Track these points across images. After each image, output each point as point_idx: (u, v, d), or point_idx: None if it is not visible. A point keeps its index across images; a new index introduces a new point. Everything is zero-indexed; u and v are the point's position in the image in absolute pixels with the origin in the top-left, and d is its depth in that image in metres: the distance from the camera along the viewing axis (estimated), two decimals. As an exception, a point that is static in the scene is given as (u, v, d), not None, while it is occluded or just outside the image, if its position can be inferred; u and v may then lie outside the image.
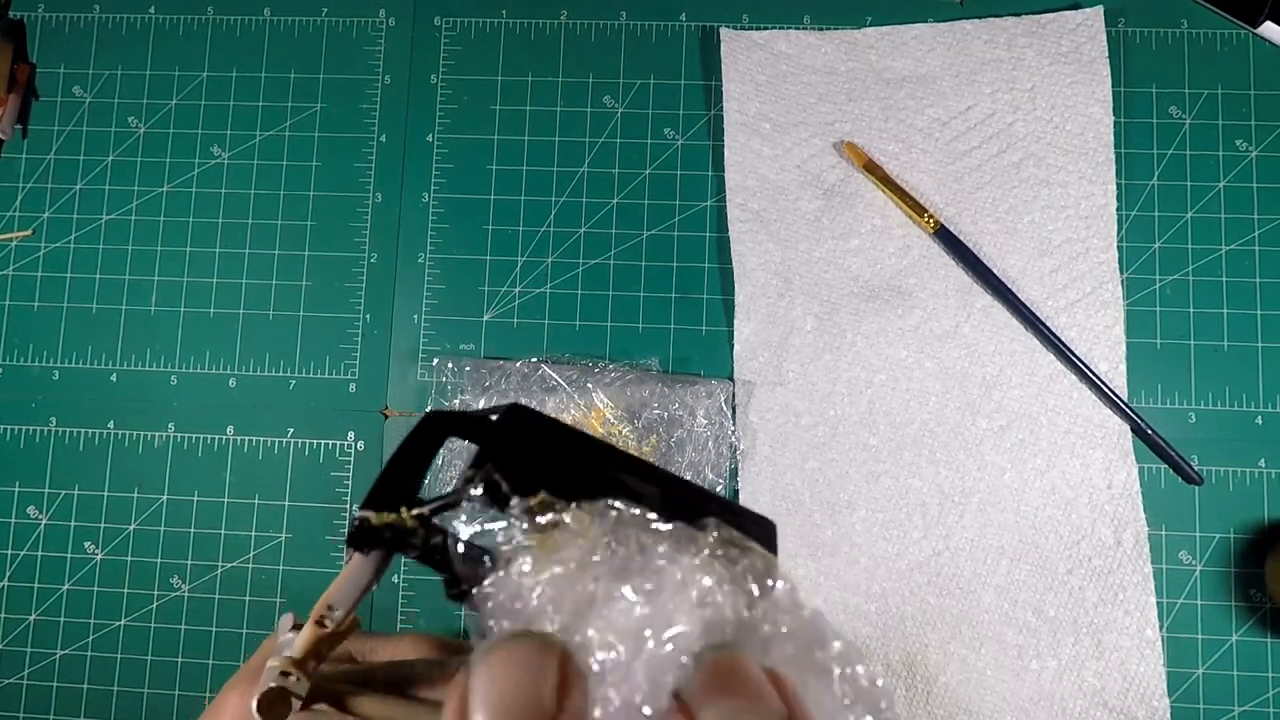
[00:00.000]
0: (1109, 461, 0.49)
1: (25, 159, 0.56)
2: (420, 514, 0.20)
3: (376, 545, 0.20)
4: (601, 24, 0.56)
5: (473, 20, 0.56)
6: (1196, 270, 0.51)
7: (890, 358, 0.51)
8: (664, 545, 0.18)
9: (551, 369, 0.51)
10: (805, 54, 0.54)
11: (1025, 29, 0.53)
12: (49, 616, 0.52)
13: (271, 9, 0.57)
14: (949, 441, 0.50)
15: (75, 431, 0.53)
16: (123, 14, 0.57)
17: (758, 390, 0.51)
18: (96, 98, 0.56)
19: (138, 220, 0.55)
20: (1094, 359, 0.50)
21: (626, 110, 0.55)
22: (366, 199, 0.55)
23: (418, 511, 0.20)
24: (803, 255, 0.52)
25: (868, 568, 0.49)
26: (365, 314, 0.54)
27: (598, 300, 0.53)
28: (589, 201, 0.54)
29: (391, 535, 0.20)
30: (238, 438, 0.53)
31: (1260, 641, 0.48)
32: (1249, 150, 0.52)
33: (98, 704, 0.51)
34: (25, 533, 0.53)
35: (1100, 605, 0.48)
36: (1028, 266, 0.51)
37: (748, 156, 0.53)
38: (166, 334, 0.54)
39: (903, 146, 0.53)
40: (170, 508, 0.52)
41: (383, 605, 0.51)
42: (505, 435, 0.20)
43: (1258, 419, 0.50)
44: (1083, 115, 0.52)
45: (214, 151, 0.56)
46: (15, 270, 0.55)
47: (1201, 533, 0.49)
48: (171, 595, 0.52)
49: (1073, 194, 0.52)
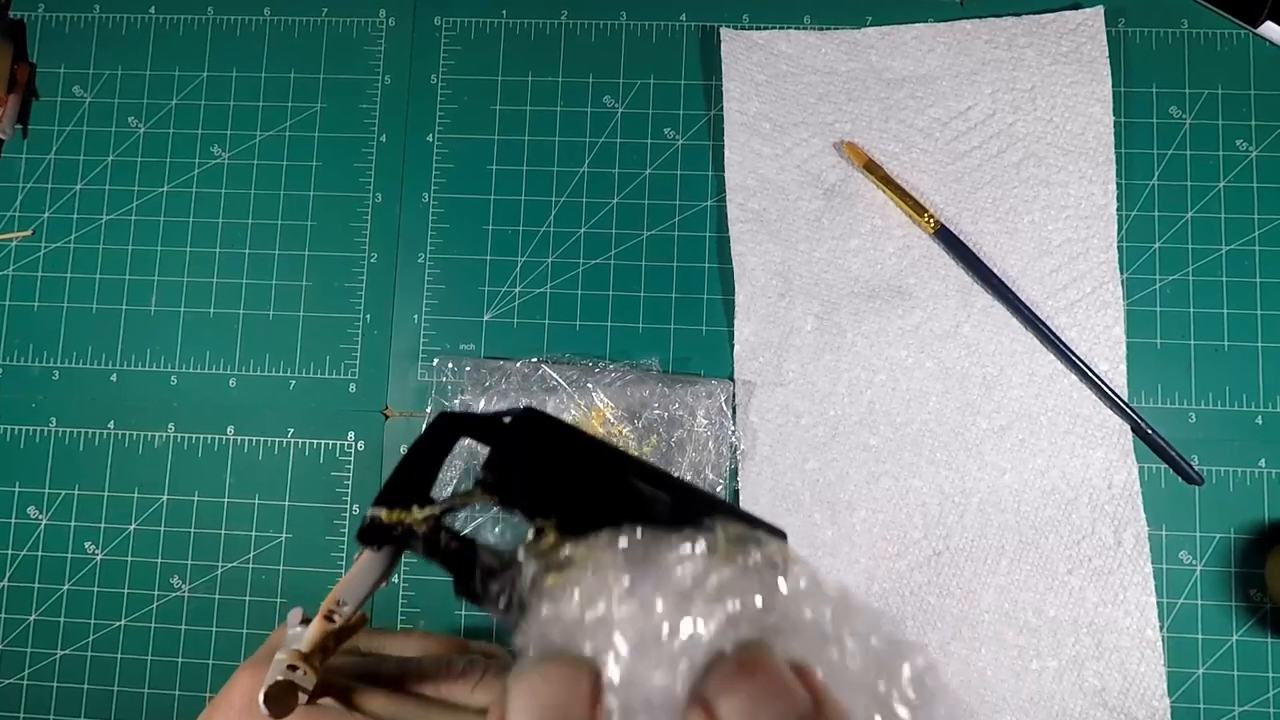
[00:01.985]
0: (1109, 461, 0.49)
1: (25, 159, 0.56)
2: (431, 514, 0.20)
3: (386, 542, 0.20)
4: (601, 24, 0.56)
5: (473, 20, 0.56)
6: (1196, 270, 0.51)
7: (890, 358, 0.51)
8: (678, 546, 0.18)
9: (551, 369, 0.51)
10: (805, 54, 0.54)
11: (1025, 29, 0.53)
12: (49, 616, 0.52)
13: (271, 9, 0.57)
14: (949, 441, 0.50)
15: (75, 431, 0.53)
16: (123, 14, 0.57)
17: (758, 390, 0.51)
18: (96, 98, 0.56)
19: (138, 220, 0.55)
20: (1094, 359, 0.50)
21: (626, 110, 0.55)
22: (366, 199, 0.55)
23: (428, 512, 0.20)
24: (803, 255, 0.52)
25: (868, 568, 0.49)
26: (365, 314, 0.54)
27: (598, 300, 0.53)
28: (589, 201, 0.54)
29: (401, 533, 0.20)
30: (238, 438, 0.53)
31: (1260, 641, 0.48)
32: (1249, 150, 0.52)
33: (98, 704, 0.51)
34: (25, 533, 0.53)
35: (1100, 605, 0.48)
36: (1028, 266, 0.51)
37: (748, 156, 0.53)
38: (166, 334, 0.54)
39: (903, 146, 0.53)
40: (170, 508, 0.52)
41: (383, 605, 0.51)
42: (518, 439, 0.20)
43: (1258, 419, 0.50)
44: (1083, 115, 0.52)
45: (214, 151, 0.56)
46: (15, 270, 0.55)
47: (1201, 533, 0.49)
48: (171, 595, 0.52)
49: (1073, 194, 0.52)
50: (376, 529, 0.20)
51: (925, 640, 0.48)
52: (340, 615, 0.22)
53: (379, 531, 0.20)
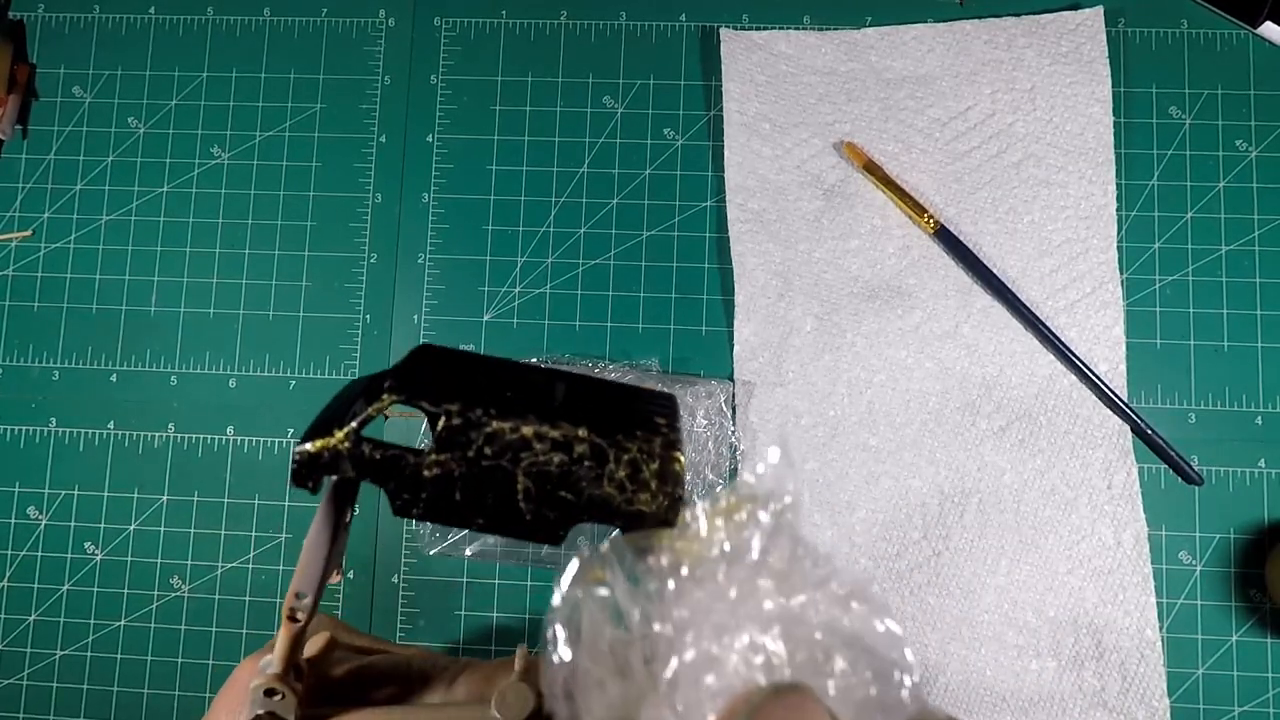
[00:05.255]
0: (1109, 461, 0.49)
1: (25, 159, 0.56)
2: (349, 429, 0.20)
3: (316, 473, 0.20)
4: (601, 24, 0.56)
5: (473, 20, 0.56)
6: (1196, 270, 0.51)
7: (890, 358, 0.51)
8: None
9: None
10: (805, 54, 0.54)
11: (1025, 29, 0.53)
12: (49, 616, 0.52)
13: (271, 9, 0.57)
14: (949, 442, 0.50)
15: (75, 432, 0.53)
16: (123, 14, 0.57)
17: (758, 390, 0.51)
18: (96, 98, 0.56)
19: (138, 220, 0.55)
20: (1094, 359, 0.50)
21: (626, 110, 0.55)
22: (366, 199, 0.55)
23: (348, 429, 0.20)
24: (803, 255, 0.52)
25: (868, 568, 0.49)
26: (365, 314, 0.54)
27: (598, 300, 0.53)
28: (589, 202, 0.54)
29: (329, 458, 0.20)
30: (238, 438, 0.53)
31: (1260, 641, 0.48)
32: (1249, 150, 0.52)
33: (98, 704, 0.51)
34: (25, 533, 0.53)
35: (1100, 605, 0.48)
36: (1028, 266, 0.51)
37: (748, 157, 0.53)
38: (166, 334, 0.54)
39: (903, 146, 0.53)
40: (170, 508, 0.52)
41: (383, 605, 0.51)
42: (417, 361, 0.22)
43: (1258, 419, 0.50)
44: (1083, 115, 0.52)
45: (214, 152, 0.56)
46: (15, 270, 0.55)
47: (1201, 533, 0.49)
48: (171, 595, 0.52)
49: (1073, 194, 0.52)
50: (306, 462, 0.20)
51: (925, 640, 0.48)
52: (303, 611, 0.22)
53: (309, 464, 0.20)
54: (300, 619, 0.22)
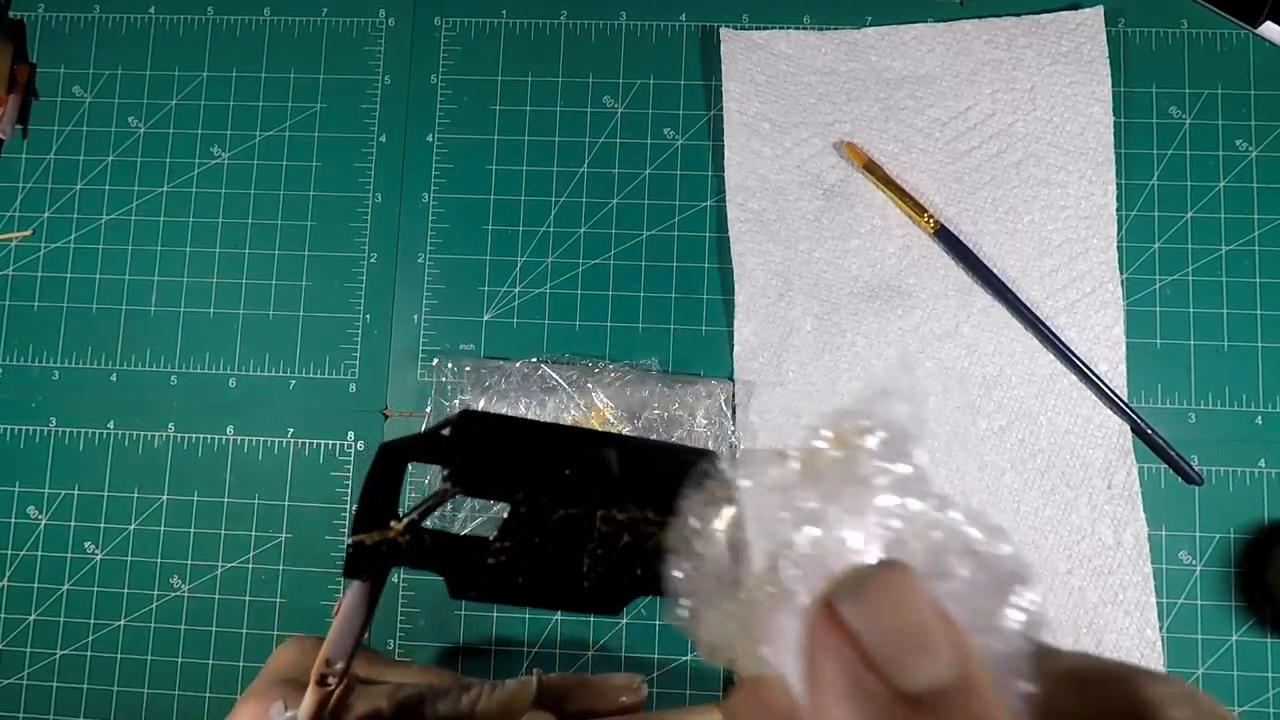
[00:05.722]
0: (1109, 461, 0.49)
1: (25, 159, 0.56)
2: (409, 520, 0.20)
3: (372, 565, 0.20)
4: (601, 24, 0.56)
5: (473, 20, 0.56)
6: (1196, 270, 0.51)
7: (890, 358, 0.51)
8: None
9: (551, 369, 0.51)
10: (805, 54, 0.54)
11: (1025, 29, 0.53)
12: (49, 616, 0.52)
13: (271, 9, 0.57)
14: (949, 442, 0.50)
15: (75, 431, 0.53)
16: (123, 14, 0.57)
17: (758, 390, 0.51)
18: (96, 98, 0.56)
19: (138, 220, 0.55)
20: (1094, 359, 0.50)
21: (626, 110, 0.55)
22: (366, 199, 0.55)
23: (406, 520, 0.20)
24: (803, 255, 0.52)
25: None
26: (365, 314, 0.54)
27: (598, 300, 0.53)
28: (589, 201, 0.54)
29: (386, 549, 0.20)
30: (238, 438, 0.53)
31: (1260, 641, 0.48)
32: (1249, 150, 0.52)
33: (98, 704, 0.51)
34: (25, 533, 0.53)
35: (1100, 605, 0.48)
36: (1028, 266, 0.51)
37: (748, 156, 0.53)
38: (166, 334, 0.54)
39: (903, 146, 0.53)
40: (170, 508, 0.52)
41: (383, 606, 0.51)
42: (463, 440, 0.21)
43: (1258, 419, 0.50)
44: (1083, 115, 0.52)
45: (214, 151, 0.56)
46: (15, 270, 0.55)
47: (1201, 533, 0.49)
48: (171, 595, 0.52)
49: (1073, 194, 0.52)
50: (361, 554, 0.20)
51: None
52: (334, 676, 0.22)
53: (364, 556, 0.20)
54: (330, 684, 0.22)
